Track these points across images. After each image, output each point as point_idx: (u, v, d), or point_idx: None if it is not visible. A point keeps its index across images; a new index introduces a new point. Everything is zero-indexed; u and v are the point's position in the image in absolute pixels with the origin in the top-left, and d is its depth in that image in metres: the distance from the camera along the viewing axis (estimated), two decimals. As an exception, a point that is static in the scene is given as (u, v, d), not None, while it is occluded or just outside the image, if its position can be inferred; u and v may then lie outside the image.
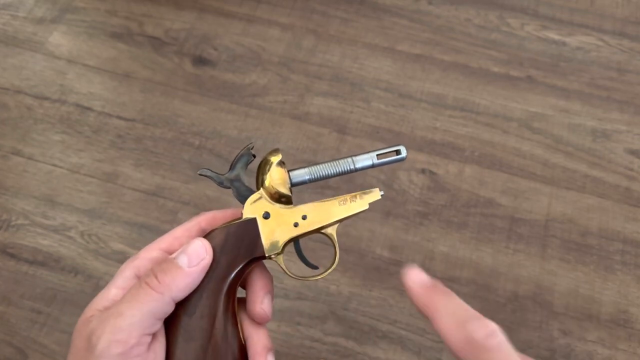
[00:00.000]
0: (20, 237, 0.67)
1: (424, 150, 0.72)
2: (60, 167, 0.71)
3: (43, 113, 0.76)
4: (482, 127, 0.74)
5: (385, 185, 0.69)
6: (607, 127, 0.74)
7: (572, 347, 0.59)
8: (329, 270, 0.37)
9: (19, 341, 0.60)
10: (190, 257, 0.33)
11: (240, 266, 0.35)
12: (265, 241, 0.35)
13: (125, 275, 0.34)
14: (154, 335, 0.32)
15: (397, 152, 0.37)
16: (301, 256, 0.37)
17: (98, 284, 0.63)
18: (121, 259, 0.64)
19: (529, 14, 0.84)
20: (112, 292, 0.33)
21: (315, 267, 0.38)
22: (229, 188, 0.37)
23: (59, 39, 0.82)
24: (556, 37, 0.81)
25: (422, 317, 0.60)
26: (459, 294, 0.30)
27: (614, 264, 0.64)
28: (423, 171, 0.70)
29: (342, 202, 0.36)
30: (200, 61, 0.80)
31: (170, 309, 0.32)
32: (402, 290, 0.63)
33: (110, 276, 0.63)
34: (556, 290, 0.63)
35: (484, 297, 0.62)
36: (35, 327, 0.61)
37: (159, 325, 0.32)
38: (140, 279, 0.32)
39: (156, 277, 0.31)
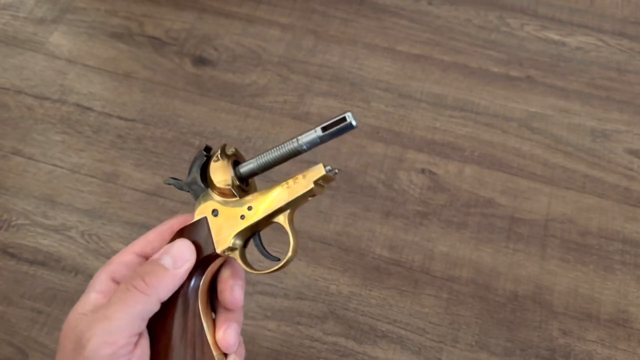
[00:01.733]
0: (21, 237, 0.67)
1: (424, 150, 0.72)
2: (61, 167, 0.71)
3: (43, 113, 0.76)
4: (482, 127, 0.74)
5: (385, 185, 0.69)
6: (607, 127, 0.74)
7: (572, 346, 0.59)
8: (283, 262, 0.35)
9: (20, 341, 0.60)
10: (176, 258, 0.33)
11: (195, 266, 0.34)
12: (216, 238, 0.34)
13: (101, 280, 0.34)
14: (140, 333, 0.32)
15: (343, 119, 0.33)
16: (260, 249, 0.36)
17: (98, 284, 0.63)
18: (121, 258, 0.64)
19: (528, 14, 0.84)
20: (92, 296, 0.34)
21: (276, 259, 0.36)
22: (189, 192, 0.37)
23: (59, 39, 0.82)
24: (556, 37, 0.82)
25: (422, 317, 0.61)
26: (459, 293, 0.30)
27: (613, 264, 0.64)
28: (423, 171, 0.70)
29: (284, 185, 0.34)
30: (200, 61, 0.80)
31: (156, 309, 0.33)
32: (402, 290, 0.63)
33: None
34: (556, 290, 0.63)
35: (483, 297, 0.62)
36: (35, 327, 0.61)
37: (144, 325, 0.33)
38: (126, 282, 0.32)
39: (143, 280, 0.32)
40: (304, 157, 0.39)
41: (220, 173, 0.35)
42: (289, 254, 0.35)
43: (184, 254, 0.34)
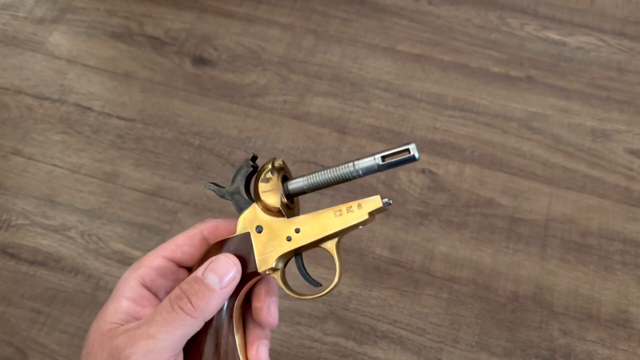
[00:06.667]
0: (21, 237, 0.67)
1: (424, 150, 0.72)
2: (61, 167, 0.71)
3: (43, 113, 0.76)
4: (482, 127, 0.74)
5: (385, 185, 0.69)
6: (607, 127, 0.74)
7: (572, 347, 0.59)
8: (330, 288, 0.34)
9: (19, 341, 0.60)
10: (222, 276, 0.32)
11: None
12: (258, 257, 0.33)
13: (131, 286, 0.33)
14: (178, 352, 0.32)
15: (407, 151, 0.31)
16: (302, 272, 0.35)
17: (98, 284, 0.63)
18: (121, 258, 0.64)
19: (529, 14, 0.84)
20: (123, 304, 0.32)
21: (318, 285, 0.35)
22: (230, 200, 0.35)
23: (59, 39, 0.82)
24: (556, 37, 0.81)
25: (422, 317, 0.61)
26: (459, 294, 0.30)
27: (614, 264, 0.64)
28: (423, 171, 0.70)
29: (337, 213, 0.33)
30: (200, 61, 0.80)
31: (199, 329, 0.32)
32: (402, 290, 0.63)
33: (110, 276, 0.64)
34: (556, 290, 0.63)
35: (484, 297, 0.62)
36: (35, 327, 0.61)
37: (185, 344, 0.32)
38: (171, 301, 0.31)
39: (190, 302, 0.31)
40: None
41: (270, 191, 0.34)
42: (335, 279, 0.34)
43: (229, 272, 0.32)
